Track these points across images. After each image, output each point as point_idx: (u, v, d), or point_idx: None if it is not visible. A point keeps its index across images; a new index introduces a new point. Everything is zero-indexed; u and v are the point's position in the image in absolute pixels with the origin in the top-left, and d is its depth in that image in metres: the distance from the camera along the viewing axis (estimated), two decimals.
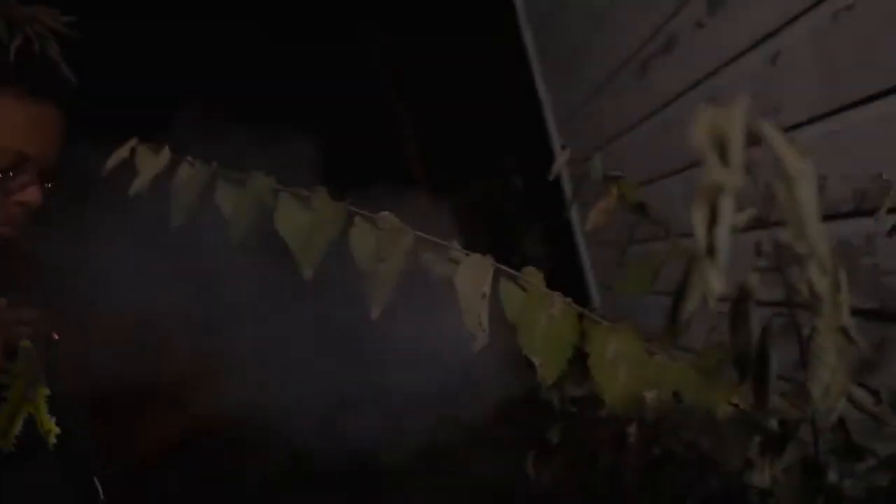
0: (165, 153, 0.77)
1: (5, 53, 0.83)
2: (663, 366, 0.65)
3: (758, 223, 0.45)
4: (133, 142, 0.78)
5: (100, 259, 1.04)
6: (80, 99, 0.92)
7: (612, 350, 0.65)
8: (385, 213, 0.72)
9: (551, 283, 0.69)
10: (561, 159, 0.96)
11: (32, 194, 0.87)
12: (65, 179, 0.92)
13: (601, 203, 0.90)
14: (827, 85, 1.07)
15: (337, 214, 0.72)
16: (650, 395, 0.65)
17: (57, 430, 0.88)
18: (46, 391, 0.88)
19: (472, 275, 0.67)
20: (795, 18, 1.11)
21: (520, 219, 4.30)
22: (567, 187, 2.42)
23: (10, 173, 0.85)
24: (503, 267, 0.69)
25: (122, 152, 0.78)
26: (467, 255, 0.69)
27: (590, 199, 0.96)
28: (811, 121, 1.11)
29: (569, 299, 0.67)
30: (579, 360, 0.65)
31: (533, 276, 0.70)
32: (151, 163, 0.77)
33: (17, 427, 0.86)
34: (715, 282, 0.32)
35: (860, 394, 0.66)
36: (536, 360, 0.65)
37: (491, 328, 0.65)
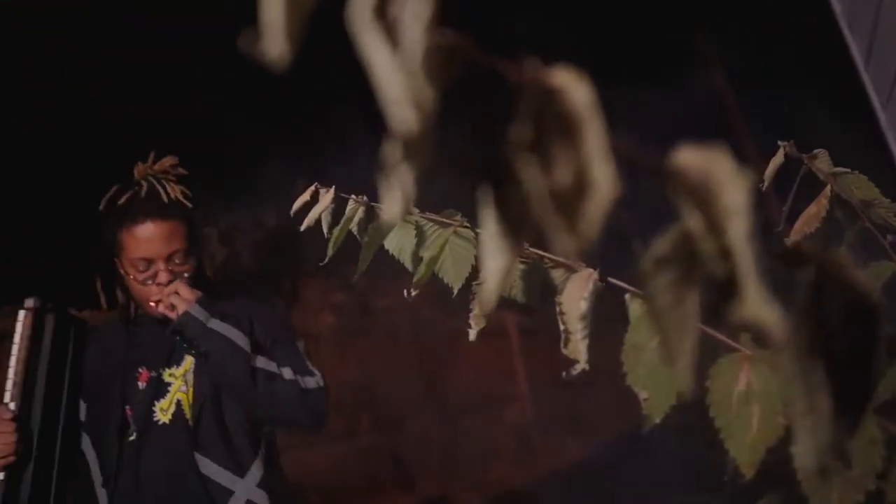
0: (331, 194, 0.85)
1: (139, 195, 1.35)
2: None
3: None
4: (313, 187, 0.88)
5: None
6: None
7: (744, 384, 0.50)
8: None
9: None
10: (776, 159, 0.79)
11: (162, 278, 1.33)
12: None
13: (811, 207, 0.71)
14: None
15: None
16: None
17: None
18: None
19: (576, 292, 0.59)
20: None
21: None
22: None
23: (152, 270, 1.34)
24: (618, 282, 0.59)
25: (305, 196, 0.89)
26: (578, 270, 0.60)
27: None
28: None
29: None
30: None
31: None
32: (323, 202, 0.85)
33: None
34: None
35: None
36: (642, 395, 0.53)
37: None
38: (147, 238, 1.31)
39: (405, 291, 0.71)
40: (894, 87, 1.93)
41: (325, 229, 0.87)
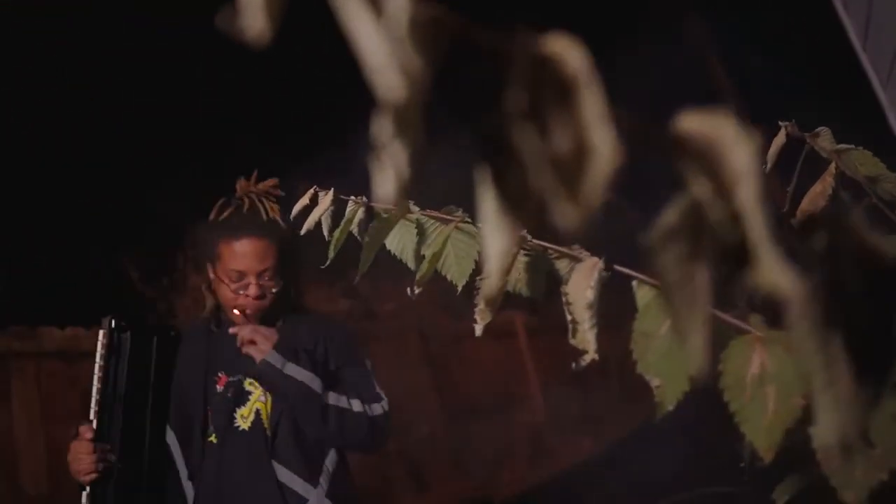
0: (330, 196, 0.84)
1: (241, 210, 1.47)
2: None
3: None
4: (312, 190, 0.88)
5: None
6: None
7: (758, 367, 0.49)
8: None
9: None
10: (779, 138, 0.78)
11: (252, 291, 1.43)
12: None
13: (816, 185, 0.70)
14: None
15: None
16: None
17: None
18: None
19: (582, 281, 0.58)
20: None
21: None
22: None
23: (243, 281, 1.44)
24: (624, 269, 0.58)
25: (304, 200, 0.88)
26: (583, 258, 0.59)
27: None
28: None
29: None
30: None
31: None
32: (322, 204, 0.85)
33: None
34: None
35: None
36: (653, 381, 0.52)
37: None
38: (243, 253, 1.43)
39: (408, 290, 0.70)
40: (894, 66, 1.91)
41: (325, 232, 0.87)
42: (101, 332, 1.32)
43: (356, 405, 1.43)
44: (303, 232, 0.84)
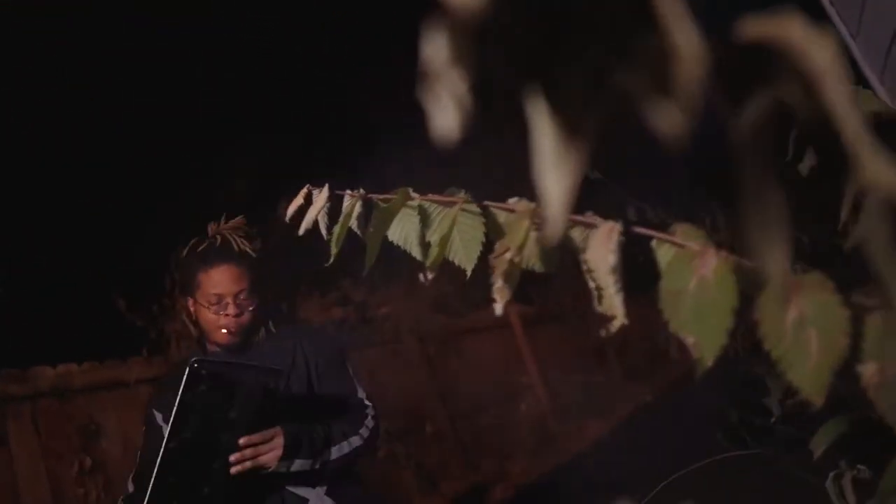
0: (325, 192, 0.81)
1: (215, 244, 1.66)
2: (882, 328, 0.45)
3: None
4: (305, 189, 0.85)
5: None
6: None
7: (796, 312, 0.47)
8: (513, 199, 0.65)
9: None
10: None
11: (231, 311, 1.61)
12: None
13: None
14: None
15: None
16: (869, 368, 0.45)
17: None
18: None
19: (602, 246, 0.56)
20: None
21: None
22: None
23: (223, 303, 1.62)
24: (647, 231, 0.56)
25: (298, 200, 0.85)
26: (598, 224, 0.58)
27: None
28: None
29: (725, 253, 0.51)
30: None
31: (689, 234, 0.55)
32: (318, 201, 0.82)
33: None
34: None
35: None
36: (688, 339, 0.51)
37: None
38: (220, 279, 1.61)
39: (421, 276, 0.68)
40: (863, 15, 1.92)
41: (322, 230, 0.84)
42: (186, 375, 1.36)
43: (355, 441, 1.57)
44: (301, 231, 0.82)
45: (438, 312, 5.44)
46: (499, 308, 0.60)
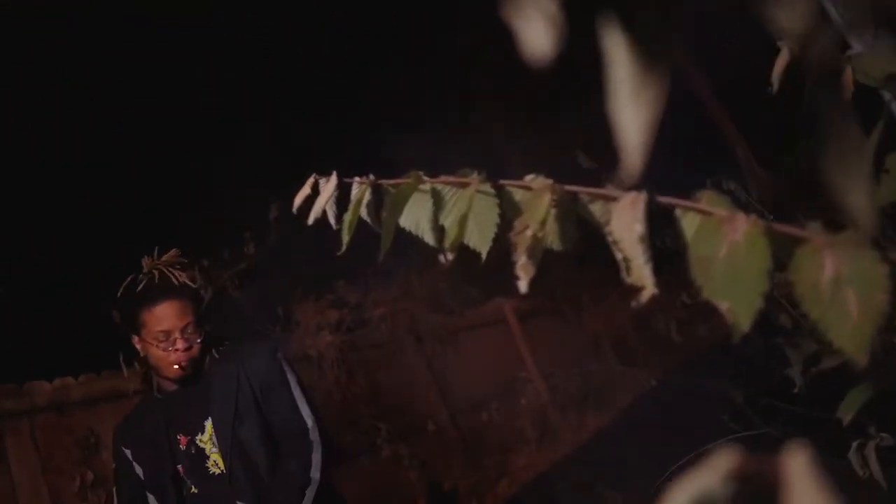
0: (332, 180, 0.80)
1: (153, 281, 1.63)
2: None
3: None
4: (312, 178, 0.84)
5: None
6: None
7: (832, 271, 0.47)
8: (530, 176, 0.65)
9: None
10: None
11: (180, 345, 1.61)
12: None
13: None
14: None
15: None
16: None
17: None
18: None
19: (627, 216, 0.55)
20: None
21: None
22: None
23: (170, 339, 1.60)
24: (672, 200, 0.56)
25: (305, 190, 0.84)
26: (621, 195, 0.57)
27: None
28: None
29: (755, 217, 0.50)
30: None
31: (714, 201, 0.54)
32: (326, 190, 0.81)
33: None
34: None
35: None
36: (722, 305, 0.50)
37: None
38: (165, 315, 1.59)
39: (441, 257, 0.67)
40: None
41: (331, 220, 0.83)
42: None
43: (310, 493, 1.56)
44: (311, 221, 0.81)
45: (433, 311, 5.42)
46: (523, 285, 0.59)
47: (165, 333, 1.59)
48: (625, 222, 0.55)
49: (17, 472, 2.71)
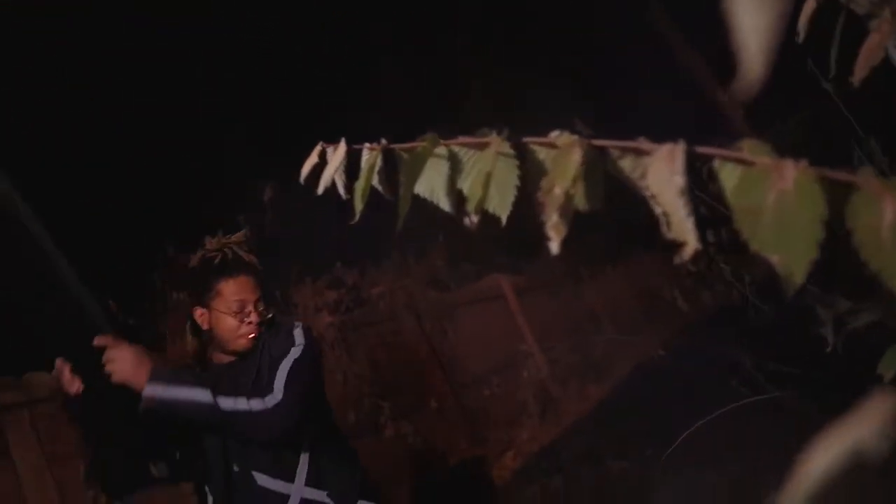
0: (341, 147, 0.77)
1: (228, 256, 1.69)
2: None
3: None
4: (319, 146, 0.80)
5: None
6: None
7: (892, 216, 0.44)
8: (554, 132, 0.61)
9: None
10: None
11: (254, 318, 1.66)
12: None
13: (871, 38, 0.65)
14: None
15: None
16: None
17: None
18: None
19: (665, 169, 0.52)
20: None
21: None
22: None
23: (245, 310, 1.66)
24: (710, 150, 0.52)
25: (312, 159, 0.80)
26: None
27: None
28: None
29: (804, 163, 0.47)
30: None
31: (756, 149, 0.51)
32: (336, 157, 0.77)
33: None
34: None
35: None
36: (773, 258, 0.47)
37: None
38: (242, 286, 1.65)
39: (466, 220, 0.63)
40: None
41: (341, 190, 0.80)
42: None
43: (241, 404, 1.50)
44: (320, 190, 0.77)
45: (432, 288, 5.41)
46: (555, 246, 0.56)
47: (241, 304, 1.64)
48: (663, 175, 0.52)
49: (20, 464, 2.69)
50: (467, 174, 0.68)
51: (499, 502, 3.70)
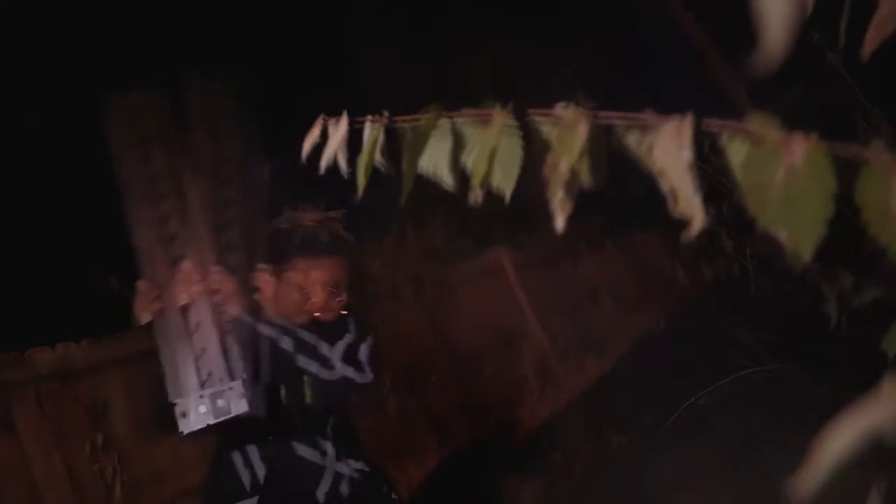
0: (343, 122, 0.76)
1: (310, 241, 1.57)
2: None
3: None
4: (320, 120, 0.79)
5: None
6: None
7: None
8: (560, 105, 0.61)
9: None
10: None
11: (319, 298, 1.56)
12: None
13: (882, 9, 0.64)
14: None
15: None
16: None
17: None
18: None
19: (673, 143, 0.52)
20: None
21: None
22: None
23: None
24: (717, 121, 0.52)
25: (314, 134, 0.79)
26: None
27: None
28: None
29: (814, 137, 0.47)
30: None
31: (765, 123, 0.50)
32: (337, 133, 0.77)
33: None
34: None
35: None
36: (781, 234, 0.47)
37: None
38: (320, 265, 1.55)
39: (471, 196, 0.63)
40: None
41: (342, 165, 0.79)
42: None
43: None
44: (322, 168, 0.76)
45: (431, 263, 5.40)
46: (560, 222, 0.55)
47: (311, 283, 1.59)
48: (670, 150, 0.51)
49: (27, 441, 2.70)
50: (471, 150, 0.68)
51: (499, 477, 3.74)
